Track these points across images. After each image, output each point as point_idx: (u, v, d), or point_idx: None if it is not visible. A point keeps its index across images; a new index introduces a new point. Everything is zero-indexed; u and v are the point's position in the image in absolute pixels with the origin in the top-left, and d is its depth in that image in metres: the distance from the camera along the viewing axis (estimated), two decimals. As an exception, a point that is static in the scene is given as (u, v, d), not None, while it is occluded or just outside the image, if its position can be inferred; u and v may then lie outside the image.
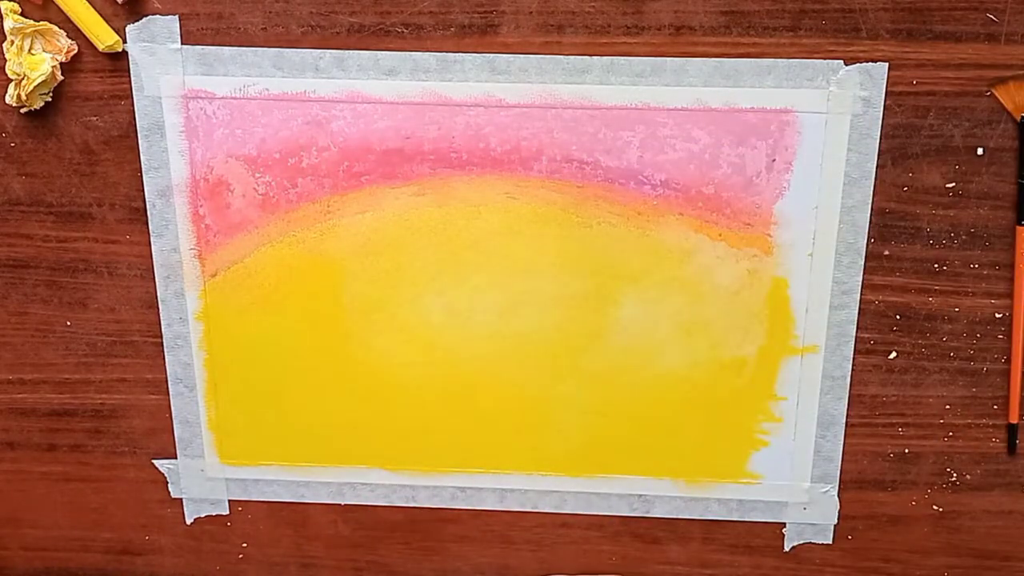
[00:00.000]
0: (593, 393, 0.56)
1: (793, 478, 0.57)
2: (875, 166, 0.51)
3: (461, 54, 0.50)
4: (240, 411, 0.58)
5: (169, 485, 0.60)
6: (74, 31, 0.50)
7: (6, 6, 0.50)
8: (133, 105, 0.52)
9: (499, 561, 0.60)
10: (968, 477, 0.57)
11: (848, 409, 0.56)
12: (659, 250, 0.53)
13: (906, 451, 0.57)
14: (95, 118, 0.52)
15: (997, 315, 0.54)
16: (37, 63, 0.50)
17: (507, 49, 0.50)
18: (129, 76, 0.51)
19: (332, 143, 0.52)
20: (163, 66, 0.51)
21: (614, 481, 0.58)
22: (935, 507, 0.58)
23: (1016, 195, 0.52)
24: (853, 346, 0.54)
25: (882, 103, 0.50)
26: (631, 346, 0.55)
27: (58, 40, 0.50)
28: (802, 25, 0.49)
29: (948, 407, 0.56)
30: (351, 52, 0.50)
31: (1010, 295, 0.53)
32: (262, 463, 0.59)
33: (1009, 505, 0.58)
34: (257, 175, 0.53)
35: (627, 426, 0.57)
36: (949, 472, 0.57)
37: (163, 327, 0.56)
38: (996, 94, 0.50)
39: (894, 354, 0.55)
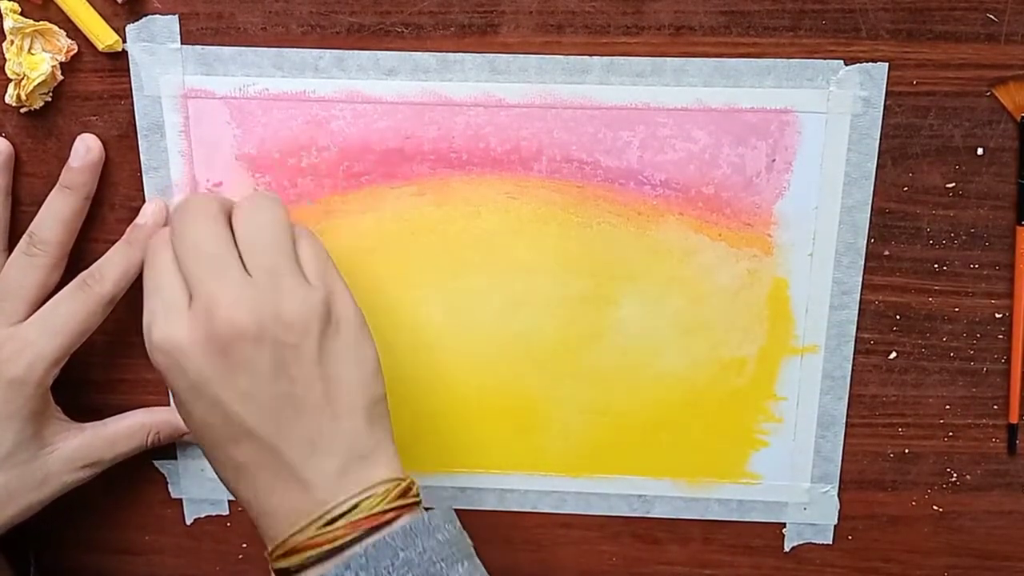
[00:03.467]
0: (593, 393, 0.56)
1: (793, 478, 0.57)
2: (875, 166, 0.51)
3: (461, 54, 0.50)
4: (240, 411, 0.58)
5: (169, 485, 0.60)
6: (74, 31, 0.50)
7: (6, 6, 0.50)
8: (133, 105, 0.52)
9: (499, 561, 0.59)
10: (968, 477, 0.57)
11: (848, 409, 0.56)
12: (659, 250, 0.53)
13: (906, 451, 0.57)
14: (95, 118, 0.52)
15: (997, 315, 0.54)
16: (37, 63, 0.50)
17: (507, 49, 0.50)
18: (129, 76, 0.51)
19: (332, 143, 0.52)
20: (163, 66, 0.51)
21: (614, 481, 0.58)
22: (935, 507, 0.58)
23: (1016, 195, 0.52)
24: (853, 346, 0.55)
25: (882, 103, 0.50)
26: (631, 346, 0.55)
27: (58, 40, 0.50)
28: (802, 25, 0.49)
29: (948, 407, 0.56)
30: (351, 52, 0.51)
31: (1010, 295, 0.53)
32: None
33: (1009, 505, 0.58)
34: (257, 175, 0.53)
35: (627, 426, 0.57)
36: (949, 472, 0.57)
37: (163, 327, 0.56)
38: (996, 94, 0.50)
39: (894, 354, 0.55)
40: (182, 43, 0.51)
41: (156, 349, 0.45)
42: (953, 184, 0.52)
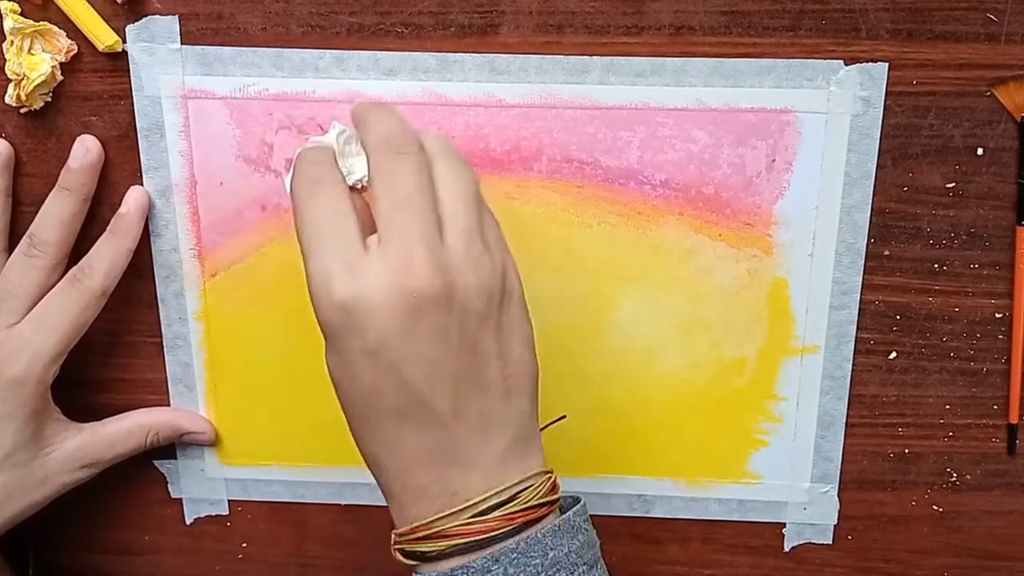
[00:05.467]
0: (593, 393, 0.56)
1: (793, 478, 0.57)
2: (875, 166, 0.51)
3: (461, 54, 0.50)
4: (240, 411, 0.58)
5: (169, 485, 0.60)
6: (74, 31, 0.50)
7: (6, 6, 0.50)
8: (133, 105, 0.52)
9: (499, 561, 0.59)
10: (968, 477, 0.57)
11: (848, 409, 0.56)
12: (659, 250, 0.53)
13: (906, 451, 0.57)
14: (95, 118, 0.52)
15: (997, 315, 0.54)
16: (37, 63, 0.50)
17: (507, 49, 0.50)
18: (129, 76, 0.51)
19: (332, 143, 0.52)
20: (163, 66, 0.51)
21: (614, 481, 0.58)
22: (935, 507, 0.58)
23: (1016, 195, 0.52)
24: (853, 346, 0.55)
25: (882, 103, 0.50)
26: (631, 346, 0.55)
27: (58, 40, 0.50)
28: (802, 25, 0.49)
29: (948, 407, 0.56)
30: (351, 52, 0.51)
31: (1010, 295, 0.53)
32: (262, 463, 0.59)
33: (1009, 505, 0.58)
34: (257, 175, 0.53)
35: (627, 426, 0.57)
36: (949, 472, 0.57)
37: (163, 327, 0.56)
38: (996, 94, 0.50)
39: (894, 354, 0.55)
40: (182, 43, 0.51)
41: (336, 306, 0.40)
42: (953, 184, 0.52)
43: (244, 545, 0.61)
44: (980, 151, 0.51)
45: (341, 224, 0.41)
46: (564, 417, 0.44)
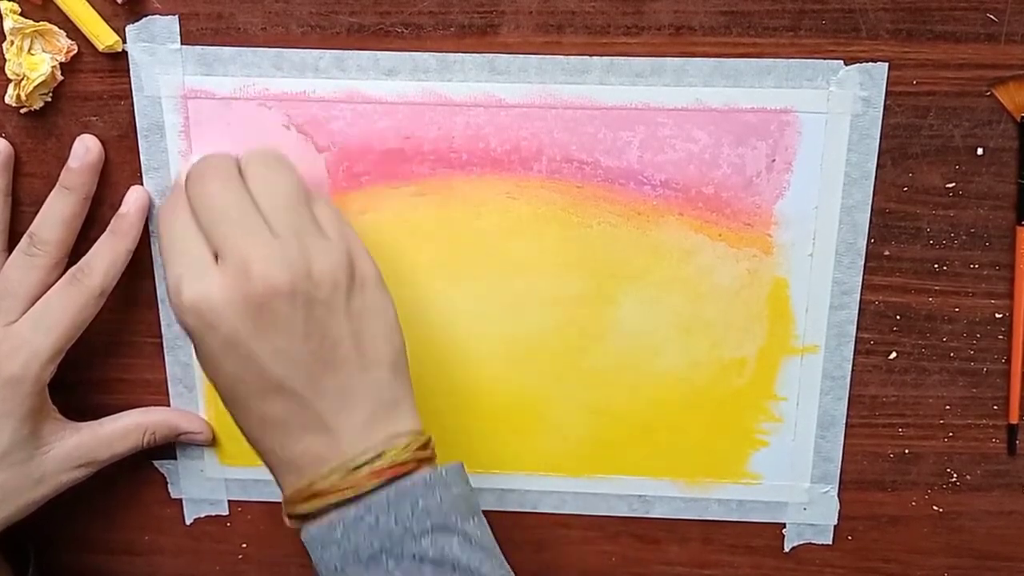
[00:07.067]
0: (593, 393, 0.56)
1: (793, 478, 0.57)
2: (875, 166, 0.51)
3: (461, 54, 0.50)
4: (240, 411, 0.58)
5: (168, 485, 0.60)
6: (74, 31, 0.50)
7: (6, 6, 0.50)
8: (133, 105, 0.52)
9: (499, 561, 0.59)
10: (968, 477, 0.57)
11: (848, 409, 0.56)
12: (659, 250, 0.53)
13: (906, 451, 0.57)
14: (95, 118, 0.52)
15: (997, 315, 0.54)
16: (37, 63, 0.50)
17: (507, 49, 0.50)
18: (129, 76, 0.51)
19: (332, 143, 0.52)
20: (163, 66, 0.51)
21: (614, 481, 0.58)
22: (935, 507, 0.58)
23: (1016, 195, 0.52)
24: (853, 346, 0.55)
25: (882, 103, 0.50)
26: (631, 346, 0.55)
27: (58, 40, 0.50)
28: (802, 25, 0.49)
29: (948, 407, 0.56)
30: (351, 52, 0.51)
31: (1010, 295, 0.53)
32: (262, 464, 0.59)
33: (1009, 505, 0.58)
34: (257, 175, 0.53)
35: (627, 426, 0.57)
36: (949, 472, 0.57)
37: (163, 327, 0.56)
38: (996, 94, 0.50)
39: (894, 354, 0.55)
40: (182, 43, 0.51)
41: (188, 310, 0.44)
42: (953, 184, 0.52)
43: (244, 545, 0.61)
44: (980, 151, 0.51)
45: (192, 239, 0.46)
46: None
